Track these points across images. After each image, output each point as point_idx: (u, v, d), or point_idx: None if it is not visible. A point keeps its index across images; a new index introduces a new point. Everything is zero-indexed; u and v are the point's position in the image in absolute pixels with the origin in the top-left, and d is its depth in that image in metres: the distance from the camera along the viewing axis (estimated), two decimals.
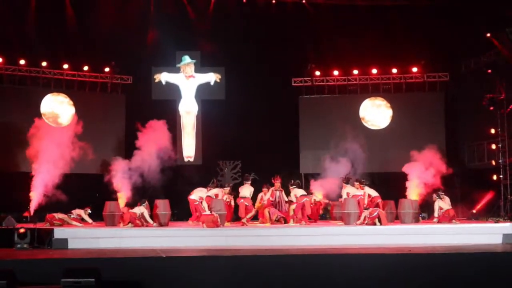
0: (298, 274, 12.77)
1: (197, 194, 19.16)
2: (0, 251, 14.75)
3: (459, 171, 22.32)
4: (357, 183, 19.59)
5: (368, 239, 16.27)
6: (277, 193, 19.47)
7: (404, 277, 12.77)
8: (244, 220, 18.78)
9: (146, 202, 18.40)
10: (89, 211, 19.36)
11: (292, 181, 19.62)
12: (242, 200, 19.22)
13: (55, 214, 18.56)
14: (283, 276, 12.74)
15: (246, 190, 19.39)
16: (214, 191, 19.31)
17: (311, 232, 17.09)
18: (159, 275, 12.59)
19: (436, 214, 19.13)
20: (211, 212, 17.78)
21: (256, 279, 12.68)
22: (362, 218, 18.10)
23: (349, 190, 19.50)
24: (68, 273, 10.96)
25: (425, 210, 21.09)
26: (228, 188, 19.73)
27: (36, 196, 19.54)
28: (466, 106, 23.48)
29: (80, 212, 19.20)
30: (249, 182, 19.58)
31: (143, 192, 19.64)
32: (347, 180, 19.76)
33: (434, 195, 19.51)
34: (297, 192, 19.22)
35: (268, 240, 16.08)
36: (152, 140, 20.10)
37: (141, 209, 18.08)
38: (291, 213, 19.14)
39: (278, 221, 19.24)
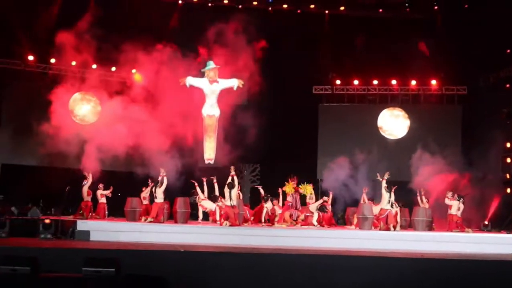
0: (311, 274, 13.04)
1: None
2: (25, 240, 15.25)
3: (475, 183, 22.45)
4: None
5: (381, 244, 16.41)
6: (294, 195, 19.89)
7: (416, 281, 12.97)
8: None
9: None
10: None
11: None
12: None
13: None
14: (296, 275, 13.03)
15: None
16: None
17: (325, 234, 17.38)
18: (176, 269, 12.93)
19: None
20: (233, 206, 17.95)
21: (269, 277, 13.01)
22: None
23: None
24: (89, 263, 11.19)
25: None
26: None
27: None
28: (483, 119, 23.57)
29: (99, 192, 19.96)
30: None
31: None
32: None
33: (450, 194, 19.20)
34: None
35: (284, 241, 16.36)
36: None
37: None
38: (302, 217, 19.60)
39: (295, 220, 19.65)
